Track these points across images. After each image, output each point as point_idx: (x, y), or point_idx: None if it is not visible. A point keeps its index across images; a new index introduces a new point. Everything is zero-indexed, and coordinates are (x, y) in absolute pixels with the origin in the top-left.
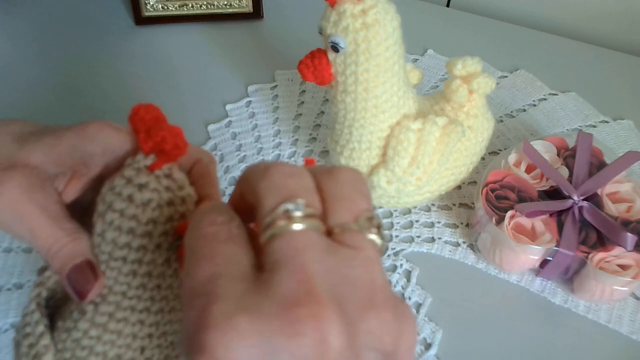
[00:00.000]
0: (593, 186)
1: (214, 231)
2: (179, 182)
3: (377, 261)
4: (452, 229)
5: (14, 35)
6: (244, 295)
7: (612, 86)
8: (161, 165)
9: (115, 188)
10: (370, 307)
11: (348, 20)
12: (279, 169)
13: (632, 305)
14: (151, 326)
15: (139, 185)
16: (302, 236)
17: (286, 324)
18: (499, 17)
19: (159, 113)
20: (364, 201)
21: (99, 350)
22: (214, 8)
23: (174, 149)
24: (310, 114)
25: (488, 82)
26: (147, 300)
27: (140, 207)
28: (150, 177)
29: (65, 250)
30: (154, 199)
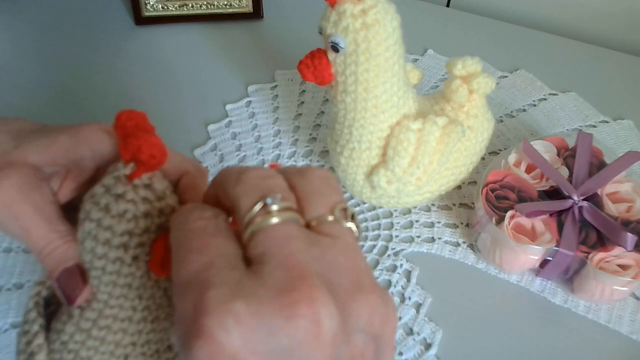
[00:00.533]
0: (593, 186)
1: (203, 225)
2: (157, 193)
3: (357, 247)
4: (452, 229)
5: (13, 35)
6: (238, 283)
7: (612, 86)
8: (140, 175)
9: (95, 197)
10: (359, 290)
11: (348, 20)
12: (252, 172)
13: (632, 305)
14: (134, 335)
15: (115, 195)
16: (283, 228)
17: (282, 307)
18: (499, 17)
19: (141, 120)
20: (335, 194)
21: (84, 355)
22: (214, 8)
23: (149, 158)
24: (310, 114)
25: (488, 82)
26: (129, 309)
27: (115, 217)
28: (127, 186)
29: (57, 252)
30: (130, 210)
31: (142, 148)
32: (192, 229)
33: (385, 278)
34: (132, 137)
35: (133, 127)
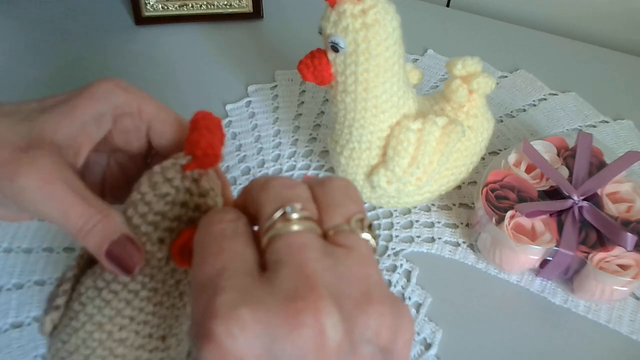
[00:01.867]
0: (593, 186)
1: (222, 228)
2: (201, 189)
3: (371, 258)
4: (452, 229)
5: (13, 35)
6: (248, 288)
7: (612, 86)
8: (192, 168)
9: (151, 173)
10: (368, 302)
11: (348, 20)
12: (277, 181)
13: (632, 305)
14: (134, 309)
15: (165, 177)
16: (300, 236)
17: (288, 316)
18: (499, 17)
19: (213, 123)
20: (354, 205)
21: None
22: (214, 8)
23: (203, 155)
24: (310, 114)
25: (488, 82)
26: (138, 283)
27: (157, 196)
28: (178, 174)
29: (98, 227)
30: (171, 194)
31: (200, 144)
32: (212, 232)
33: (385, 278)
34: (196, 132)
35: (203, 125)
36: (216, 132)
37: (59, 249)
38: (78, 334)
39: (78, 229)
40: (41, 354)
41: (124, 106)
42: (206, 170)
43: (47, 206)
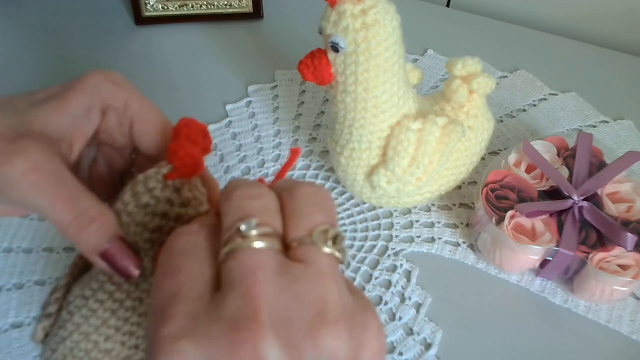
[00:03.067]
0: (593, 186)
1: (182, 244)
2: (183, 199)
3: (330, 273)
4: (452, 229)
5: (13, 34)
6: (196, 316)
7: (612, 86)
8: (173, 177)
9: (135, 182)
10: (322, 323)
11: (348, 20)
12: (242, 190)
13: (632, 305)
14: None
15: (146, 187)
16: (255, 256)
17: (229, 347)
18: (499, 17)
19: (194, 132)
20: (321, 215)
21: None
22: (214, 8)
23: (181, 166)
24: (310, 114)
25: (488, 82)
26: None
27: (137, 207)
28: (159, 184)
29: (92, 228)
30: (151, 205)
31: (178, 154)
32: (172, 249)
33: (385, 278)
34: (175, 141)
35: (183, 134)
36: (198, 141)
37: (59, 249)
38: (65, 343)
39: (66, 224)
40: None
41: (111, 100)
42: (188, 179)
43: (33, 196)
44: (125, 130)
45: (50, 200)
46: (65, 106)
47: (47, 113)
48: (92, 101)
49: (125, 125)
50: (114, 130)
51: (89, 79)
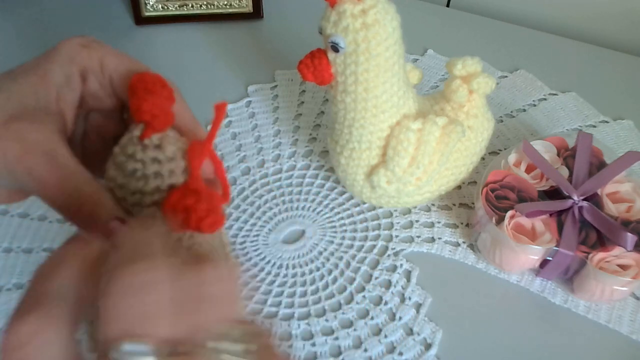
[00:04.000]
0: (593, 186)
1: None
2: (167, 154)
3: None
4: (452, 229)
5: (13, 35)
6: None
7: (612, 86)
8: (148, 135)
9: (113, 155)
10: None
11: (348, 20)
12: (125, 280)
13: (632, 305)
14: None
15: (127, 155)
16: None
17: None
18: (499, 17)
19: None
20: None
21: None
22: (214, 8)
23: (151, 119)
24: (310, 114)
25: (488, 82)
26: None
27: (126, 177)
28: (137, 147)
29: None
30: (139, 170)
31: (142, 108)
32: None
33: (386, 278)
34: (134, 97)
35: (140, 88)
36: (157, 91)
37: None
38: None
39: (59, 203)
40: None
41: (86, 62)
42: (165, 132)
43: (26, 181)
44: (109, 89)
45: (42, 186)
46: (47, 79)
47: (32, 89)
48: (69, 68)
49: (107, 85)
50: (99, 93)
51: (61, 47)
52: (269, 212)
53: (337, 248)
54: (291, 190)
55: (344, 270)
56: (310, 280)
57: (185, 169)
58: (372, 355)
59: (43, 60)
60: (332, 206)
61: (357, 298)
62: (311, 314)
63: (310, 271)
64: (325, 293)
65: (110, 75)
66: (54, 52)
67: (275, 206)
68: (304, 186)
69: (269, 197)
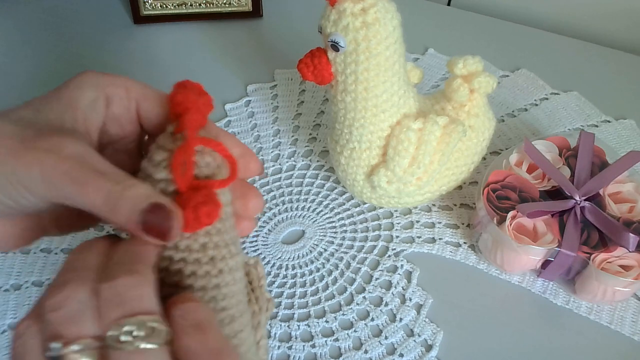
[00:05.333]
0: (595, 186)
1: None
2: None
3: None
4: (453, 230)
5: (12, 34)
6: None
7: (614, 85)
8: (181, 129)
9: (151, 152)
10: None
11: (348, 19)
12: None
13: (634, 306)
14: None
15: (157, 145)
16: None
17: None
18: (500, 16)
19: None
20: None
21: None
22: (213, 7)
23: (184, 111)
24: (310, 114)
25: (489, 81)
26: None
27: (154, 166)
28: (168, 138)
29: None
30: (166, 159)
31: (176, 99)
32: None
33: (386, 279)
34: (172, 93)
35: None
36: (194, 90)
37: (57, 250)
38: None
39: (99, 206)
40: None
41: (112, 88)
42: (198, 130)
43: (63, 187)
44: (133, 114)
45: (79, 189)
46: (73, 104)
47: (59, 116)
48: (95, 93)
49: (132, 110)
50: (123, 118)
51: (84, 76)
52: (269, 213)
53: (337, 249)
54: (291, 191)
55: (344, 271)
56: (310, 281)
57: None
58: (372, 356)
59: (64, 88)
60: (332, 206)
61: (357, 299)
62: (311, 315)
63: (310, 272)
64: (326, 294)
65: (137, 98)
66: (76, 81)
67: (275, 206)
68: (303, 186)
69: (268, 197)
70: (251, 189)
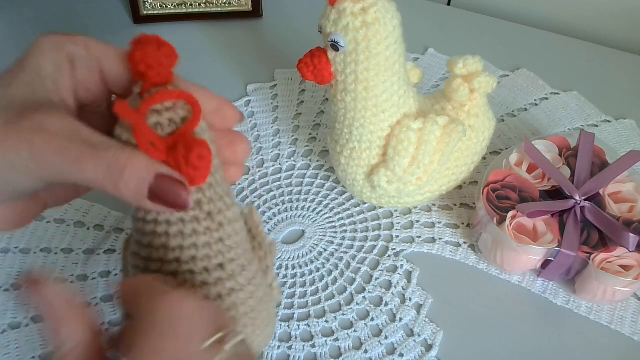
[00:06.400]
0: (595, 186)
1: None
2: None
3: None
4: (453, 230)
5: (12, 34)
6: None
7: (614, 85)
8: (147, 89)
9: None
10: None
11: (348, 18)
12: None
13: (634, 306)
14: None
15: None
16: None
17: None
18: (500, 16)
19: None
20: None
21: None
22: (213, 6)
23: (146, 69)
24: (310, 114)
25: (489, 81)
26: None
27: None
28: (137, 101)
29: (127, 173)
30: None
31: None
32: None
33: (386, 279)
34: (131, 50)
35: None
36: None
37: (57, 250)
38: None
39: (101, 180)
40: (39, 355)
41: (72, 47)
42: (165, 85)
43: (60, 166)
44: (96, 74)
45: (77, 164)
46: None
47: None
48: (57, 57)
49: (95, 70)
50: (89, 80)
51: (43, 40)
52: (269, 213)
53: (337, 249)
54: (291, 190)
55: (344, 271)
56: (310, 281)
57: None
58: (372, 356)
59: (27, 58)
60: (332, 206)
61: (357, 299)
62: (311, 315)
63: (310, 272)
64: (325, 294)
65: (98, 57)
66: (36, 47)
67: (275, 206)
68: (303, 186)
69: (268, 197)
70: (237, 135)
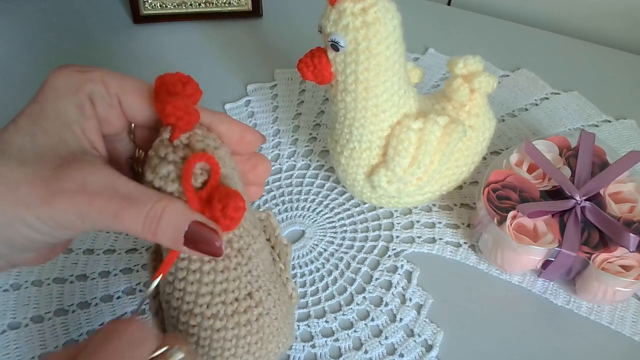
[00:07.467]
0: (595, 186)
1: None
2: (196, 150)
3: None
4: (453, 230)
5: (12, 33)
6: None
7: (614, 85)
8: (177, 135)
9: (149, 158)
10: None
11: (348, 18)
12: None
13: (634, 307)
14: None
15: (159, 157)
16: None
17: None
18: (500, 16)
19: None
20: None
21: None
22: (213, 6)
23: (176, 121)
24: (310, 113)
25: (489, 81)
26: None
27: (163, 179)
28: (168, 149)
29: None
30: (172, 171)
31: (166, 111)
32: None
33: (386, 279)
34: (158, 101)
35: (163, 91)
36: (179, 91)
37: None
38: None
39: (140, 231)
40: (39, 355)
41: (90, 86)
42: (191, 130)
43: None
44: (118, 110)
45: (116, 219)
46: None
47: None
48: (78, 98)
49: (115, 105)
50: (109, 116)
51: (57, 78)
52: None
53: (337, 249)
54: (291, 190)
55: (344, 271)
56: (310, 282)
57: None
58: (372, 356)
59: (45, 101)
60: (332, 206)
61: (357, 299)
62: (311, 315)
63: (310, 272)
64: (325, 294)
65: (117, 93)
66: (52, 89)
67: (275, 206)
68: (303, 186)
69: (268, 197)
70: (259, 157)
